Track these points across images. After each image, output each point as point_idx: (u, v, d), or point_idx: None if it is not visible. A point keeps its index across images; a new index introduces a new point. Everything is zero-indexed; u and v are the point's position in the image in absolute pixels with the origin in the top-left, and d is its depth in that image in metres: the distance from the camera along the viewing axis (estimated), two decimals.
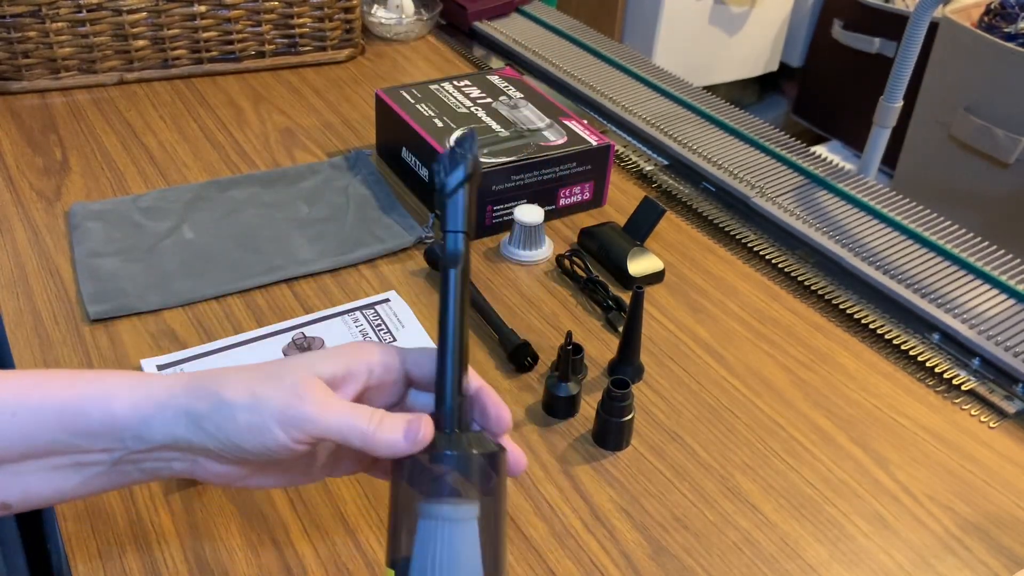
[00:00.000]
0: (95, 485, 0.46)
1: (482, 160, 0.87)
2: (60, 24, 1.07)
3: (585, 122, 0.96)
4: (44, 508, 0.46)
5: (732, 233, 0.94)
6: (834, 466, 0.68)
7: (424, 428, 0.45)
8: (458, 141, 0.48)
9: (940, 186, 1.91)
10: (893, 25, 2.26)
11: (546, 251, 0.89)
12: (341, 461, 0.51)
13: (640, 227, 0.89)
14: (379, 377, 0.48)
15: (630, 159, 1.07)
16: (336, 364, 0.46)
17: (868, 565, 0.61)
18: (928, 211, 0.94)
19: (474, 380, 0.48)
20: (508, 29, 1.34)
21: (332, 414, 0.44)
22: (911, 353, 0.80)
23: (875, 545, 0.62)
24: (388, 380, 0.48)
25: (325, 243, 0.87)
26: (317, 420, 0.44)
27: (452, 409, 0.45)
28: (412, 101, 0.97)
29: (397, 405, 0.50)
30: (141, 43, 1.13)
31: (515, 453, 0.48)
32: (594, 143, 0.92)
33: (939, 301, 0.83)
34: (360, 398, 0.47)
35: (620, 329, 0.77)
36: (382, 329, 0.77)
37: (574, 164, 0.92)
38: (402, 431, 0.45)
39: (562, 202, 0.94)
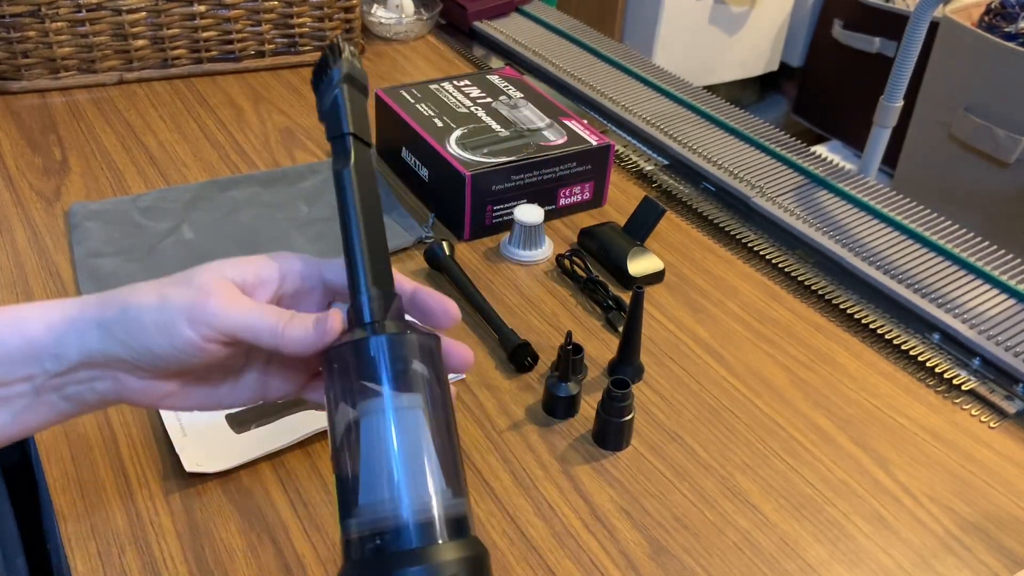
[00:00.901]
0: (24, 421, 0.46)
1: (482, 160, 0.87)
2: (60, 24, 1.07)
3: (585, 122, 0.96)
4: None
5: (732, 233, 0.94)
6: (834, 466, 0.68)
7: (333, 319, 0.45)
8: (325, 51, 0.47)
9: (940, 186, 1.91)
10: (893, 25, 2.26)
11: (546, 251, 0.89)
12: (269, 378, 0.50)
13: (640, 227, 0.89)
14: (294, 285, 0.48)
15: (630, 159, 1.07)
16: (246, 269, 0.46)
17: (868, 565, 0.61)
18: (928, 211, 0.94)
19: (407, 283, 0.48)
20: (508, 29, 1.34)
21: (239, 310, 0.44)
22: (911, 353, 0.80)
23: (875, 545, 0.62)
24: (305, 289, 0.48)
25: (325, 243, 0.87)
26: (224, 315, 0.44)
27: (368, 298, 0.44)
28: (412, 101, 0.97)
29: None
30: (141, 43, 1.13)
31: (458, 347, 0.48)
32: (594, 143, 0.92)
33: (939, 301, 0.82)
34: (276, 304, 0.47)
35: (620, 329, 0.77)
36: None
37: (574, 164, 0.92)
38: (312, 322, 0.44)
39: (562, 202, 0.94)
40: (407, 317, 0.47)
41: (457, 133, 0.91)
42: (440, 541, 0.41)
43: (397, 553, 0.40)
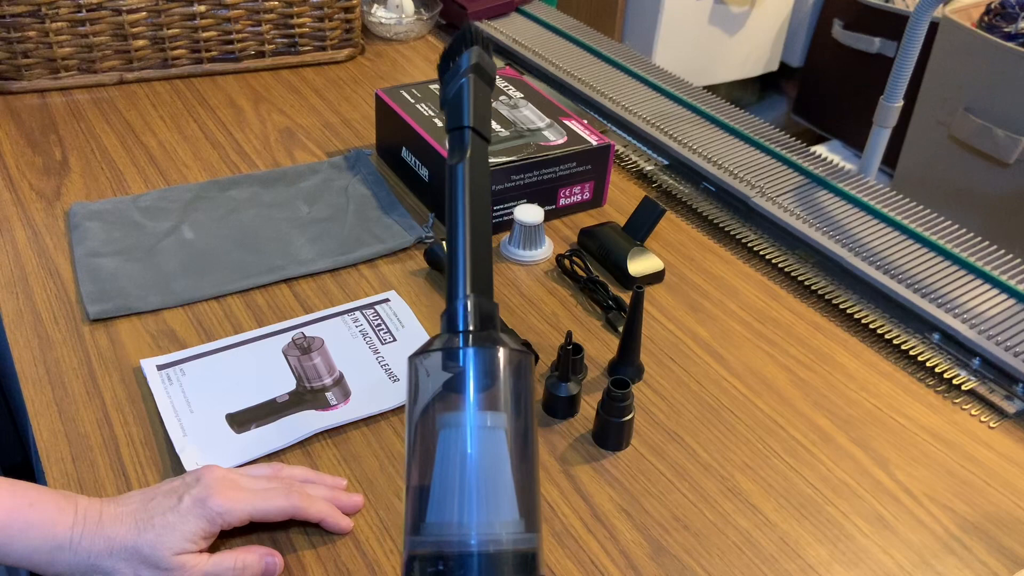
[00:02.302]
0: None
1: None
2: (60, 24, 1.07)
3: (585, 122, 0.96)
4: None
5: (732, 233, 0.94)
6: (834, 466, 0.68)
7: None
8: (458, 34, 0.44)
9: (940, 186, 1.91)
10: (893, 25, 2.26)
11: (546, 251, 0.89)
12: None
13: (640, 227, 0.89)
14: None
15: (630, 159, 1.07)
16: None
17: (868, 565, 0.61)
18: (928, 211, 0.94)
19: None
20: (508, 29, 1.34)
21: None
22: (911, 353, 0.80)
23: (875, 545, 0.62)
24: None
25: (325, 243, 0.87)
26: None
27: (464, 305, 0.41)
28: (412, 101, 0.97)
29: None
30: (141, 43, 1.13)
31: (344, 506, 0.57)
32: (594, 143, 0.92)
33: (939, 301, 0.82)
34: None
35: (620, 329, 0.77)
36: (382, 329, 0.77)
37: (574, 164, 0.92)
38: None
39: (562, 202, 0.94)
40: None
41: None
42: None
43: None
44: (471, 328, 0.41)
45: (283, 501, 0.55)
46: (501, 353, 0.41)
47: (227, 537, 0.57)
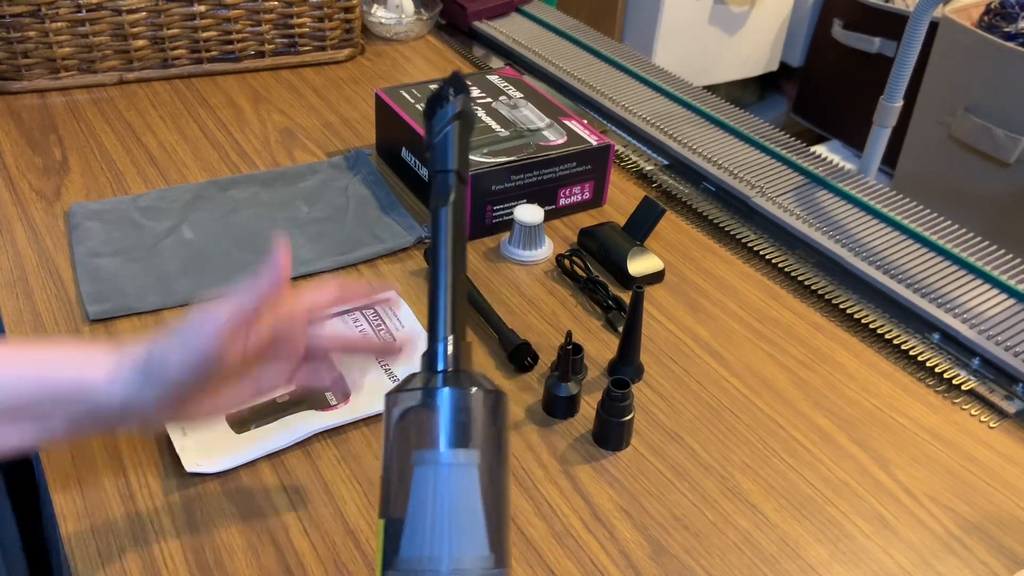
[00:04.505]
0: (51, 441, 0.52)
1: (482, 160, 0.87)
2: (60, 24, 1.07)
3: (585, 122, 0.96)
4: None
5: (732, 233, 0.94)
6: (834, 466, 0.68)
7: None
8: (445, 82, 0.47)
9: (940, 186, 1.91)
10: (893, 25, 2.26)
11: (546, 251, 0.89)
12: (260, 374, 0.56)
13: (640, 227, 0.88)
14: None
15: (630, 159, 1.07)
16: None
17: (868, 565, 0.61)
18: (928, 211, 0.94)
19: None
20: (508, 29, 1.34)
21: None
22: (911, 353, 0.80)
23: (875, 545, 0.62)
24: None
25: (325, 243, 0.87)
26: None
27: (444, 346, 0.44)
28: (412, 101, 0.97)
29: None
30: (141, 43, 1.13)
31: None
32: (594, 143, 0.92)
33: (939, 301, 0.82)
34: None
35: (620, 329, 0.77)
36: (382, 329, 0.77)
37: (574, 164, 0.92)
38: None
39: (562, 202, 0.94)
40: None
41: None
42: None
43: None
44: (449, 368, 0.44)
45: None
46: (477, 394, 0.43)
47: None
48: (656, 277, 0.86)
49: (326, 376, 0.59)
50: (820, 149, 2.33)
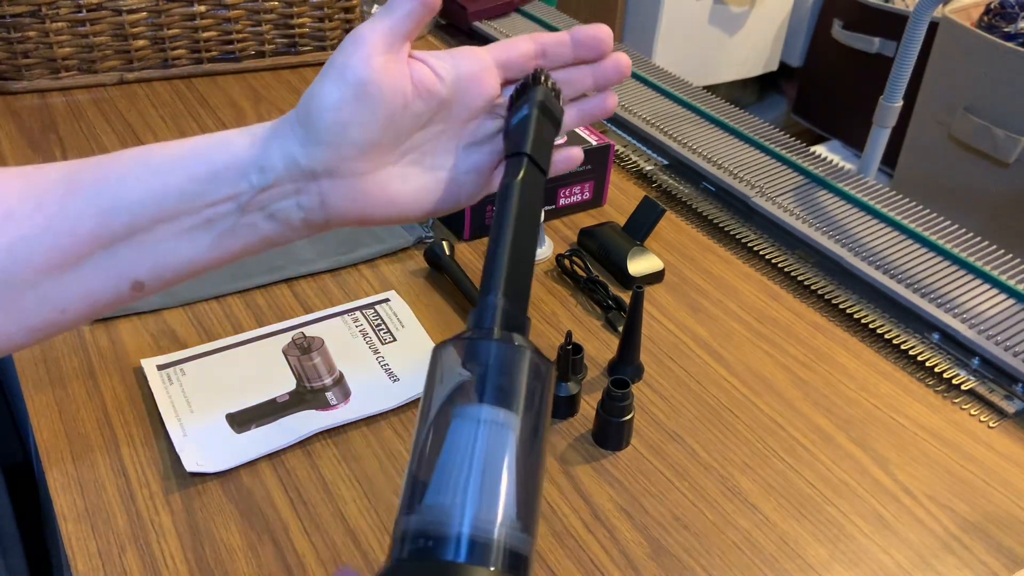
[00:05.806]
0: (226, 246, 0.45)
1: None
2: (60, 24, 1.07)
3: None
4: (177, 283, 0.45)
5: (732, 233, 0.94)
6: (834, 466, 0.68)
7: None
8: (532, 74, 0.47)
9: (940, 186, 1.91)
10: (893, 25, 2.26)
11: (546, 251, 0.89)
12: (459, 175, 0.50)
13: (640, 227, 0.89)
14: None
15: (630, 159, 1.07)
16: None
17: (868, 565, 0.61)
18: (928, 211, 0.94)
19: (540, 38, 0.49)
20: (508, 29, 1.34)
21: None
22: (911, 353, 0.80)
23: (875, 545, 0.62)
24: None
25: (325, 243, 0.87)
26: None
27: (494, 304, 0.42)
28: None
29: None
30: (141, 43, 1.13)
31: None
32: (594, 143, 0.92)
33: (939, 301, 0.83)
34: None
35: (620, 329, 0.77)
36: (382, 329, 0.77)
37: None
38: None
39: (562, 202, 0.94)
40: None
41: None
42: (491, 568, 0.37)
43: (442, 562, 0.37)
44: (498, 326, 0.42)
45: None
46: (524, 355, 0.41)
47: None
48: (656, 277, 0.86)
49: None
50: (820, 149, 2.33)
